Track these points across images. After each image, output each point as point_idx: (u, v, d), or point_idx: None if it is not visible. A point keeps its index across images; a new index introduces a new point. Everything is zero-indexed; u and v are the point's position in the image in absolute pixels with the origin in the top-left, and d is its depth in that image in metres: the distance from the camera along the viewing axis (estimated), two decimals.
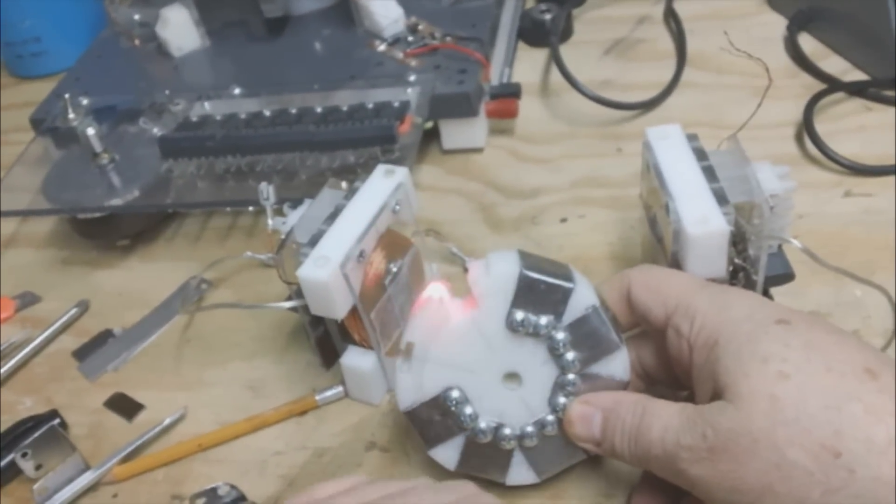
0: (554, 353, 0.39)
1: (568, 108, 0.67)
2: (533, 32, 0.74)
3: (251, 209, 0.59)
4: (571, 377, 0.39)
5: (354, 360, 0.47)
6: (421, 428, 0.41)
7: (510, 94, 0.64)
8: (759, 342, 0.34)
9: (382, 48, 0.66)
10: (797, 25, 0.68)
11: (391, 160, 0.54)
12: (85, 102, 0.64)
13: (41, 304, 0.60)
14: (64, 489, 0.46)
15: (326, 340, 0.49)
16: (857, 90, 0.63)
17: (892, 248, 0.51)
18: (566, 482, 0.43)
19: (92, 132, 0.60)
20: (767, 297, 0.44)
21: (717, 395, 0.34)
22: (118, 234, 0.61)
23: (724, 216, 0.41)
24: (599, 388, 0.40)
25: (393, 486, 0.36)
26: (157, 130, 0.62)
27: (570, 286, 0.39)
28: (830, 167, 0.57)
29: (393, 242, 0.47)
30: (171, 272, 0.59)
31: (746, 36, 0.69)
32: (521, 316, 0.39)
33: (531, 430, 0.40)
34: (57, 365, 0.55)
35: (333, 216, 0.45)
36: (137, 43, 0.73)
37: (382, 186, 0.47)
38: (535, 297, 0.39)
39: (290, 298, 0.47)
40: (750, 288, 0.43)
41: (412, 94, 0.60)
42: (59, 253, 0.64)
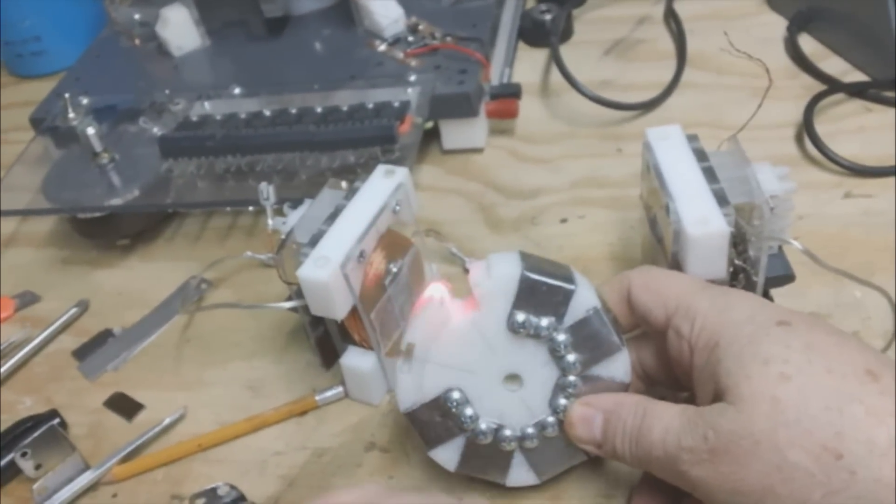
0: (555, 354, 0.39)
1: (568, 108, 0.67)
2: (533, 32, 0.74)
3: (251, 209, 0.59)
4: (572, 379, 0.39)
5: (354, 360, 0.47)
6: (421, 429, 0.41)
7: (510, 94, 0.64)
8: (760, 344, 0.34)
9: (383, 48, 0.66)
10: (797, 26, 0.68)
11: (391, 160, 0.54)
12: (85, 102, 0.64)
13: (41, 303, 0.60)
14: (63, 489, 0.46)
15: (326, 341, 0.49)
16: (857, 91, 0.63)
17: (891, 249, 0.51)
18: (566, 483, 0.43)
19: (92, 132, 0.60)
20: (768, 298, 0.44)
21: (717, 396, 0.34)
22: (118, 233, 0.61)
23: (724, 217, 0.41)
24: (600, 389, 0.40)
25: (411, 498, 0.36)
26: (157, 130, 0.62)
27: (571, 288, 0.39)
28: (830, 168, 0.57)
29: (393, 243, 0.47)
30: (170, 272, 0.59)
31: (746, 36, 0.69)
32: (522, 317, 0.39)
33: (532, 431, 0.40)
34: (57, 364, 0.55)
35: (333, 216, 0.45)
36: (137, 42, 0.73)
37: (382, 186, 0.47)
38: (536, 298, 0.39)
39: (290, 298, 0.47)
40: (750, 289, 0.43)
41: (412, 94, 0.60)
42: (58, 252, 0.64)
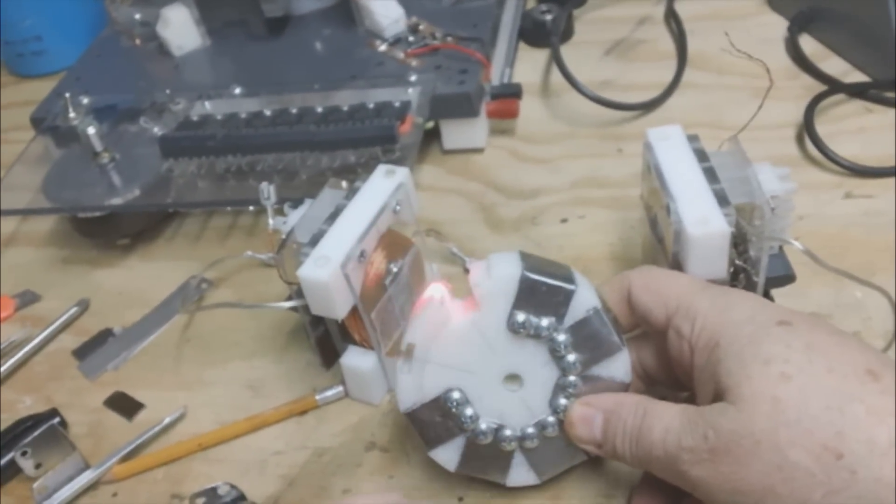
0: (555, 354, 0.39)
1: (568, 108, 0.67)
2: (534, 33, 0.74)
3: (252, 209, 0.59)
4: (572, 379, 0.39)
5: (354, 359, 0.47)
6: (421, 429, 0.41)
7: (511, 94, 0.64)
8: (760, 344, 0.34)
9: (383, 48, 0.66)
10: (798, 26, 0.68)
11: (392, 160, 0.54)
12: (85, 101, 0.64)
13: (41, 302, 0.60)
14: (63, 488, 0.46)
15: (326, 340, 0.49)
16: (857, 91, 0.63)
17: (892, 249, 0.51)
18: (566, 483, 0.43)
19: (92, 131, 0.60)
20: (768, 298, 0.44)
21: (718, 396, 0.34)
22: (118, 233, 0.61)
23: (724, 217, 0.41)
24: (600, 389, 0.40)
25: None
26: (157, 130, 0.62)
27: (571, 288, 0.39)
28: (831, 168, 0.57)
29: (393, 242, 0.47)
30: (171, 271, 0.59)
31: (747, 37, 0.69)
32: (522, 318, 0.39)
33: (532, 431, 0.40)
34: (57, 364, 0.55)
35: (334, 216, 0.45)
36: (138, 42, 0.73)
37: (383, 186, 0.47)
38: (536, 298, 0.39)
39: (290, 298, 0.47)
40: (751, 289, 0.43)
41: (413, 94, 0.60)
42: (59, 252, 0.64)
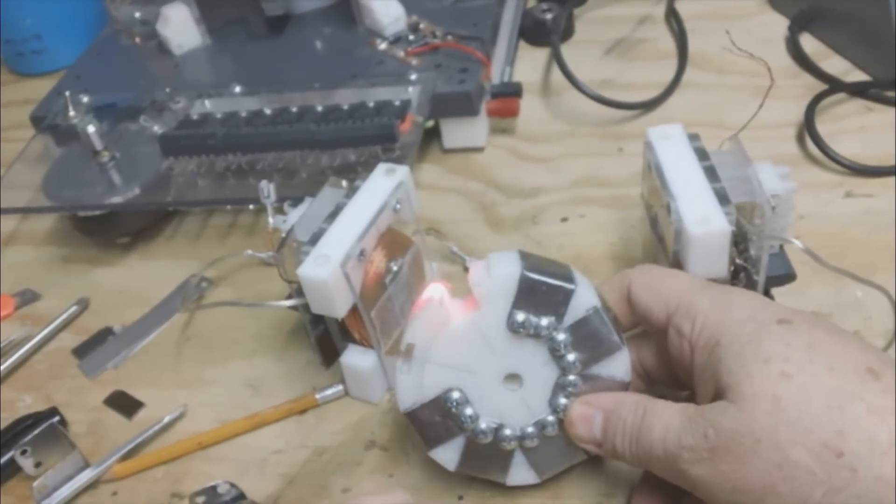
0: (555, 354, 0.39)
1: (569, 107, 0.67)
2: (534, 31, 0.74)
3: (252, 207, 0.59)
4: (572, 378, 0.39)
5: (354, 358, 0.47)
6: (421, 429, 0.41)
7: (511, 93, 0.64)
8: (761, 342, 0.34)
9: (383, 47, 0.66)
10: (798, 25, 0.68)
11: (392, 159, 0.54)
12: (85, 100, 0.64)
13: (41, 301, 0.60)
14: (63, 487, 0.46)
15: (326, 339, 0.49)
16: (858, 91, 0.63)
17: (892, 248, 0.51)
18: (566, 482, 0.43)
19: (92, 130, 0.60)
20: (769, 297, 0.44)
21: (718, 395, 0.34)
22: (118, 231, 0.61)
23: (725, 216, 0.41)
24: (600, 388, 0.40)
25: None
26: (157, 128, 0.62)
27: (571, 287, 0.39)
28: (831, 168, 0.57)
29: (393, 241, 0.47)
30: (171, 270, 0.59)
31: (748, 36, 0.68)
32: (522, 317, 0.39)
33: (532, 430, 0.40)
34: (57, 362, 0.55)
35: (334, 215, 0.45)
36: (138, 41, 0.73)
37: (383, 185, 0.47)
38: (536, 298, 0.39)
39: (290, 297, 0.47)
40: (751, 288, 0.43)
41: (413, 92, 0.60)
42: (59, 250, 0.64)
